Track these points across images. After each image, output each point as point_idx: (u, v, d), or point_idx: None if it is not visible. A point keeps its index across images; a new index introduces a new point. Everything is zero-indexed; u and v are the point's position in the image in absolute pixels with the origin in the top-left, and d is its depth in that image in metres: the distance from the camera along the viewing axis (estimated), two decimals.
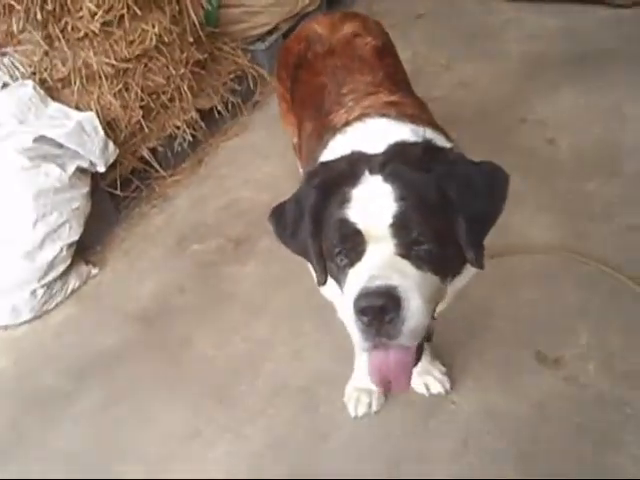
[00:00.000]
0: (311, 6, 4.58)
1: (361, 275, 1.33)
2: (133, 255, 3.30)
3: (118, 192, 3.37)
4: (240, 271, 3.03)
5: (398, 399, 2.35)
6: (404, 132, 1.62)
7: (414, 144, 1.51)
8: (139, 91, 3.28)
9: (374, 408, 2.32)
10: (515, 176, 3.15)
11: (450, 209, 1.37)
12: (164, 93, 3.47)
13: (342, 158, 1.51)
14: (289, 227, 1.52)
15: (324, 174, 1.47)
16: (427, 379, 2.32)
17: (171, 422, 2.49)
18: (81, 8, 2.96)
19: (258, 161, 3.66)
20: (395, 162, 1.40)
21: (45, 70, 3.02)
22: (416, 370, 2.21)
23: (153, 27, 3.23)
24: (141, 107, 3.34)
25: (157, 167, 3.57)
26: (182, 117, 3.61)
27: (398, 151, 1.47)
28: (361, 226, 1.34)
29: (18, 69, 3.01)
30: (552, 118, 3.63)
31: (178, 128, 3.59)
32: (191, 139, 3.69)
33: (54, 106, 3.03)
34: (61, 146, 2.96)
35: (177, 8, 3.40)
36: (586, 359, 2.39)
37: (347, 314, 1.34)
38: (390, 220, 1.32)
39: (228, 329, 2.79)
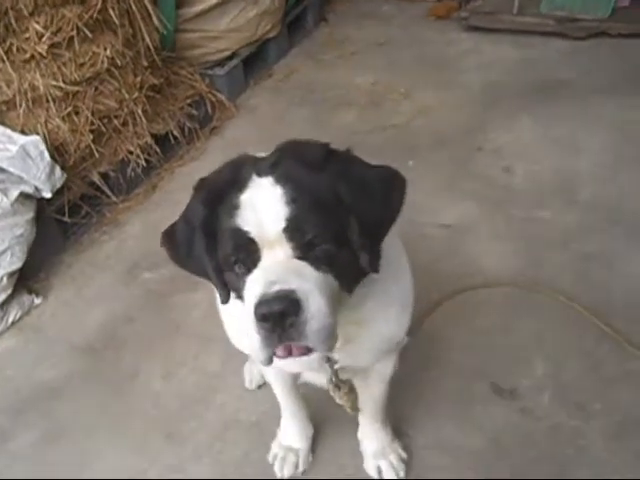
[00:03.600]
0: (272, 32, 4.59)
1: (258, 281, 1.27)
2: (80, 283, 3.17)
3: (66, 218, 3.24)
4: (191, 300, 2.92)
5: (350, 433, 2.27)
6: None
7: (308, 143, 1.45)
8: (89, 115, 3.18)
9: (300, 468, 2.21)
10: (471, 204, 3.24)
11: (343, 210, 1.32)
12: (116, 117, 3.38)
13: (226, 164, 1.45)
14: (183, 248, 1.44)
15: (209, 186, 1.40)
16: (381, 463, 2.16)
17: (115, 461, 2.36)
18: (27, 29, 2.87)
19: None
20: (287, 161, 1.34)
21: None
22: (372, 450, 2.16)
23: (105, 50, 3.16)
24: (92, 131, 3.24)
25: (108, 193, 3.46)
26: (136, 142, 3.51)
27: (292, 149, 1.41)
28: (254, 233, 1.28)
29: None
30: (508, 147, 3.67)
31: (131, 153, 3.50)
32: (145, 164, 3.60)
33: None
34: (3, 171, 2.84)
35: (131, 31, 3.33)
36: (541, 390, 2.35)
37: (248, 323, 1.28)
38: (283, 224, 1.26)
39: (177, 361, 2.69)
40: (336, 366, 1.64)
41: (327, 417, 2.31)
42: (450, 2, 5.31)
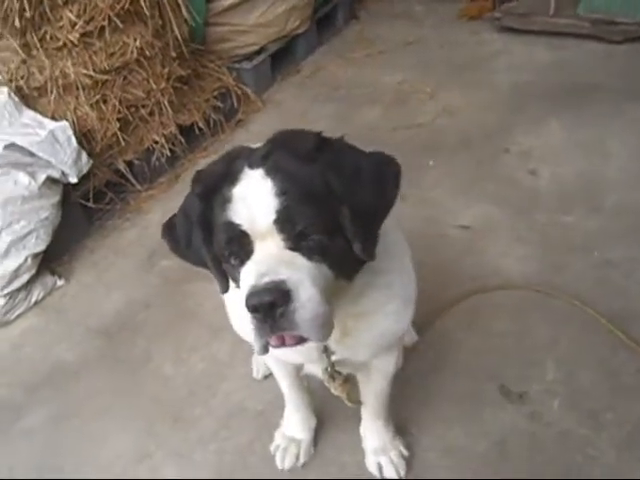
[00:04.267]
0: (301, 28, 4.61)
1: (250, 273, 1.30)
2: (101, 268, 3.24)
3: (91, 204, 3.31)
4: (206, 289, 2.94)
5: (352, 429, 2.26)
6: None
7: (301, 132, 1.46)
8: (117, 103, 3.25)
9: (301, 460, 2.22)
10: (492, 205, 3.20)
11: (335, 199, 1.32)
12: (143, 107, 3.44)
13: (222, 157, 1.47)
14: (182, 240, 1.48)
15: (205, 179, 1.42)
16: (382, 459, 2.16)
17: (122, 442, 2.41)
18: (61, 17, 2.95)
19: None
20: (278, 152, 1.35)
21: (22, 78, 3.00)
22: (373, 447, 2.15)
23: (135, 40, 3.21)
24: (119, 119, 3.31)
25: (133, 181, 3.52)
26: (161, 132, 3.57)
27: (283, 140, 1.42)
28: (245, 226, 1.31)
29: None
30: (536, 149, 3.61)
31: (156, 142, 3.55)
32: (169, 154, 3.65)
33: (28, 114, 3.00)
34: (32, 155, 2.92)
35: (160, 22, 3.38)
36: (552, 395, 2.31)
37: (244, 314, 1.30)
38: (273, 216, 1.28)
39: (188, 347, 2.73)
40: (333, 357, 1.65)
41: (330, 412, 2.32)
42: (483, 2, 5.25)
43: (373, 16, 5.57)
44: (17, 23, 2.86)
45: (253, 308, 1.25)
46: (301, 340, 1.34)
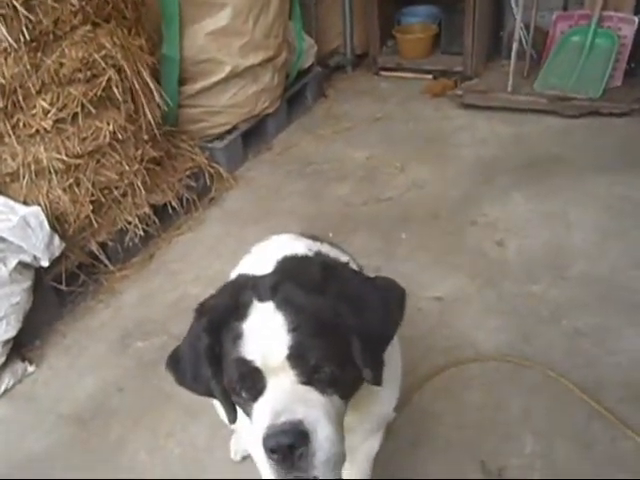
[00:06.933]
0: (271, 108, 4.75)
1: (265, 411, 1.29)
2: (74, 352, 3.18)
3: (63, 287, 3.28)
4: None
5: None
6: (299, 246, 1.65)
7: (306, 260, 1.51)
8: (90, 186, 3.27)
9: None
10: (463, 277, 3.27)
11: (345, 330, 1.34)
12: (116, 188, 3.46)
13: (226, 287, 1.49)
14: (189, 372, 1.48)
15: (211, 312, 1.42)
16: None
17: None
18: (34, 106, 2.98)
19: (210, 257, 3.64)
20: (286, 284, 1.37)
21: None
22: None
23: (107, 125, 3.27)
24: (91, 202, 3.32)
25: (106, 262, 3.51)
26: (134, 212, 3.59)
27: (289, 270, 1.45)
28: (258, 362, 1.31)
29: None
30: (501, 221, 3.72)
31: (130, 223, 3.57)
32: (143, 234, 3.66)
33: (0, 200, 3.01)
34: (4, 240, 2.91)
35: (133, 107, 3.45)
36: (530, 470, 2.30)
37: (257, 450, 1.29)
38: (286, 352, 1.29)
39: (164, 432, 2.66)
40: None
41: None
42: (445, 80, 5.51)
43: (341, 94, 5.78)
44: None
45: (271, 450, 1.24)
46: None
